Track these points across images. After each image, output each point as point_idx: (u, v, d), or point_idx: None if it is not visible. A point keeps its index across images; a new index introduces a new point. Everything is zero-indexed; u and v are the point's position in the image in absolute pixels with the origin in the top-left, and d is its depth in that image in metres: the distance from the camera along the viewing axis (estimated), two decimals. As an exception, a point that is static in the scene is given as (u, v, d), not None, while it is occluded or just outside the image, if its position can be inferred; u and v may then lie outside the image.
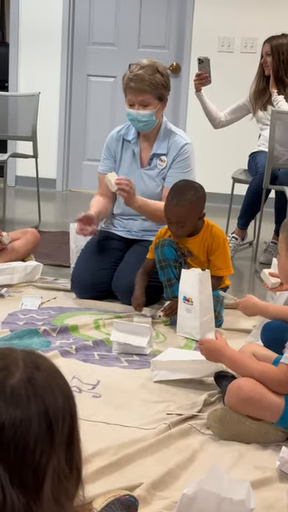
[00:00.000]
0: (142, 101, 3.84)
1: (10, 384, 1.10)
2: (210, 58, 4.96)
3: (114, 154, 4.10)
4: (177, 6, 6.86)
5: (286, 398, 2.44)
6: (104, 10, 7.09)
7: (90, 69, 6.91)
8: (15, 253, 4.39)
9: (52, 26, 7.04)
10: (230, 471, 2.25)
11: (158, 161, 4.01)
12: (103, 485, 2.14)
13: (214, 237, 3.66)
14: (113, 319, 3.59)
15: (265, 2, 6.51)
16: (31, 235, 4.55)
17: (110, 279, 3.98)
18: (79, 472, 1.15)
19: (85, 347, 3.29)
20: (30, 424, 1.08)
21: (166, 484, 2.19)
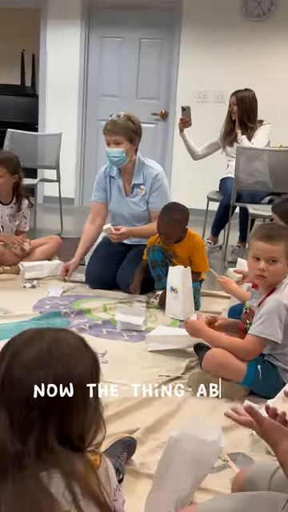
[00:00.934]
0: (115, 140, 3.82)
1: (53, 350, 1.12)
2: (191, 106, 4.97)
3: (104, 188, 4.09)
4: (165, 66, 6.86)
5: (247, 364, 2.46)
6: (110, 70, 7.09)
7: (99, 115, 6.87)
8: (43, 254, 4.39)
9: (70, 82, 7.02)
10: (206, 419, 2.28)
11: (138, 189, 3.99)
12: (108, 429, 2.13)
13: (194, 243, 3.68)
14: (117, 304, 3.60)
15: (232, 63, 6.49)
16: (55, 241, 4.56)
17: (114, 274, 3.98)
18: (96, 425, 1.19)
19: (96, 325, 3.31)
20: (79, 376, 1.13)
21: (157, 429, 2.22)
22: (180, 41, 6.74)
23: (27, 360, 1.11)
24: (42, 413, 1.10)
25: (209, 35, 6.61)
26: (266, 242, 2.43)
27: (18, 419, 1.09)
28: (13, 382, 1.09)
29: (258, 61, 6.45)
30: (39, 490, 1.09)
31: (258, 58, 6.47)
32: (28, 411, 1.09)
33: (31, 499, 1.08)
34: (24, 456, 1.09)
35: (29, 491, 1.08)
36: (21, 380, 1.09)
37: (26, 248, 4.26)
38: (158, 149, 6.96)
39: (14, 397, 1.10)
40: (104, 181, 4.09)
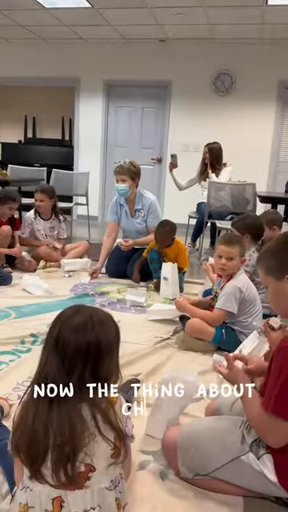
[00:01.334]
0: (121, 179, 3.84)
1: (91, 320, 1.14)
2: (177, 154, 4.98)
3: (115, 212, 4.09)
4: (160, 126, 6.87)
5: (215, 329, 2.48)
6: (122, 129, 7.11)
7: (115, 159, 6.86)
8: (77, 254, 4.41)
9: (95, 137, 7.04)
10: (187, 366, 2.28)
11: (139, 213, 4.01)
12: (122, 372, 2.14)
13: (179, 248, 3.70)
14: (127, 288, 3.59)
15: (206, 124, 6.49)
16: (85, 245, 4.56)
17: (125, 268, 3.97)
18: (116, 372, 1.21)
19: (112, 302, 3.32)
20: (107, 339, 1.15)
21: (154, 373, 2.23)
22: (170, 109, 6.74)
23: (73, 326, 1.13)
24: (82, 362, 1.12)
25: (190, 105, 6.63)
26: (226, 245, 2.49)
27: (66, 365, 1.11)
28: (64, 340, 1.11)
29: (223, 122, 6.44)
30: (75, 416, 1.10)
31: (223, 120, 6.46)
32: (73, 361, 1.11)
33: (69, 419, 1.09)
34: (69, 392, 1.12)
35: (68, 413, 1.09)
36: (69, 339, 1.11)
37: (57, 247, 4.30)
38: (155, 183, 6.94)
39: (65, 350, 1.11)
40: (116, 207, 4.08)
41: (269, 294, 1.44)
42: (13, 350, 2.41)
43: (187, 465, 1.45)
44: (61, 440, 1.07)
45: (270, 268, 1.38)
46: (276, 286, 1.36)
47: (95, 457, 1.10)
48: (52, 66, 7.04)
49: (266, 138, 6.42)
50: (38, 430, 1.08)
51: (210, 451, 1.42)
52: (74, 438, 1.07)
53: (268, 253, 1.43)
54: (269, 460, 1.34)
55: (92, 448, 1.10)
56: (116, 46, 6.70)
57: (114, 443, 1.13)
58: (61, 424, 1.08)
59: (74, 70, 7.00)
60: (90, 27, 6.12)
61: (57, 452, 1.07)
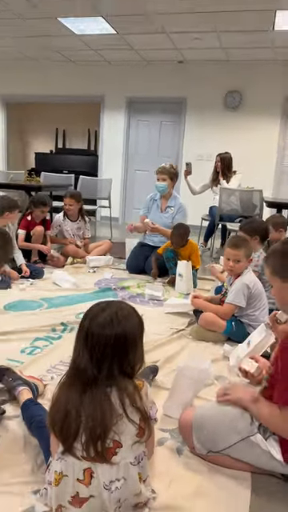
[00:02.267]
0: (162, 178, 3.89)
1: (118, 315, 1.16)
2: (192, 162, 4.98)
3: (148, 207, 4.08)
4: (176, 138, 6.85)
5: (226, 321, 2.46)
6: (142, 140, 7.09)
7: (135, 166, 6.91)
8: (100, 251, 4.41)
9: (117, 147, 7.07)
10: (200, 355, 2.27)
11: (169, 209, 3.99)
12: None
13: (192, 247, 3.67)
14: (145, 283, 3.57)
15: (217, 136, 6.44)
16: (107, 244, 4.57)
17: (143, 265, 3.96)
18: (141, 359, 1.22)
19: (132, 296, 3.30)
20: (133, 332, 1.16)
21: (170, 360, 2.22)
22: (185, 122, 6.72)
23: (100, 323, 1.14)
24: (110, 354, 1.12)
25: (203, 119, 6.60)
26: (233, 249, 2.47)
27: (96, 357, 1.12)
28: (93, 336, 1.12)
29: (233, 134, 6.38)
30: (105, 400, 1.11)
31: (232, 132, 6.40)
32: (102, 353, 1.12)
33: (100, 405, 1.10)
34: (98, 378, 1.12)
35: (99, 400, 1.11)
36: (98, 335, 1.12)
37: (78, 244, 4.33)
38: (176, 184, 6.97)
39: (94, 345, 1.12)
40: (149, 203, 4.10)
41: (274, 292, 1.44)
42: (45, 336, 2.43)
43: (201, 442, 1.45)
44: (92, 423, 1.08)
45: (275, 269, 1.38)
46: (281, 286, 1.36)
47: (122, 435, 1.12)
48: (80, 84, 7.08)
49: (271, 148, 6.36)
50: (71, 412, 1.10)
51: (222, 431, 1.42)
52: (104, 420, 1.09)
53: (274, 254, 1.42)
54: (275, 441, 1.34)
55: (120, 427, 1.11)
56: (138, 68, 6.70)
57: (139, 424, 1.14)
58: (92, 409, 1.10)
59: (99, 89, 7.03)
60: (115, 51, 6.13)
61: (88, 432, 1.09)
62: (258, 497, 1.34)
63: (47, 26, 5.23)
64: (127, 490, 1.16)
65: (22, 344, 2.29)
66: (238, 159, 5.14)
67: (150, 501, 1.25)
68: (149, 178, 6.74)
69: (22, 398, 1.66)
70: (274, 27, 4.72)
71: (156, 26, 4.97)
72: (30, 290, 3.33)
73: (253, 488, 1.37)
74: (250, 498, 1.33)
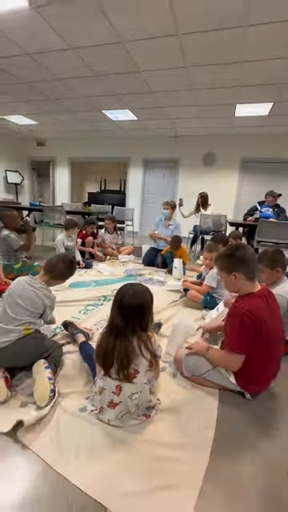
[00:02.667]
0: (166, 208, 3.82)
1: (139, 292, 1.15)
2: (183, 198, 4.90)
3: (157, 224, 3.99)
4: (172, 182, 6.67)
5: (204, 296, 2.42)
6: (153, 185, 6.94)
7: (148, 201, 6.85)
8: (126, 252, 4.33)
9: (137, 189, 6.96)
10: (187, 316, 2.25)
11: (170, 226, 3.91)
12: None
13: (183, 250, 3.61)
14: (154, 272, 3.55)
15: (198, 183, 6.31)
16: (131, 247, 4.50)
17: (153, 260, 3.89)
18: (152, 319, 1.19)
19: (145, 280, 3.24)
20: (144, 304, 1.14)
21: (169, 319, 2.19)
22: (179, 173, 6.60)
23: (130, 294, 1.13)
24: (134, 315, 1.12)
25: (189, 171, 6.48)
26: (208, 252, 2.47)
27: (126, 318, 1.11)
28: (125, 304, 1.12)
29: (209, 180, 6.26)
30: (129, 344, 1.11)
31: (208, 179, 6.27)
32: (129, 315, 1.11)
33: (126, 347, 1.10)
34: (125, 331, 1.12)
35: (125, 344, 1.11)
36: (129, 303, 1.11)
37: (113, 247, 4.26)
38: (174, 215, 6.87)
39: (125, 310, 1.12)
40: (158, 222, 4.00)
41: (223, 281, 1.38)
42: (94, 303, 2.44)
43: (187, 370, 1.45)
44: (121, 358, 1.09)
45: (223, 266, 1.32)
46: (226, 278, 1.31)
47: (139, 366, 1.12)
48: (114, 151, 7.04)
49: (232, 190, 6.23)
50: (109, 351, 1.11)
51: (200, 363, 1.41)
52: (128, 356, 1.09)
53: (221, 256, 1.34)
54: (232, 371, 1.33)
55: (138, 361, 1.11)
56: (150, 140, 6.65)
57: (150, 359, 1.14)
58: (122, 349, 1.10)
59: (126, 153, 6.98)
60: (136, 130, 6.09)
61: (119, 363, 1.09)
62: (223, 404, 1.34)
63: (95, 115, 5.23)
64: (142, 399, 1.16)
65: (79, 307, 2.31)
66: (211, 196, 5.03)
67: (156, 405, 1.25)
68: (156, 208, 6.69)
69: (79, 340, 1.67)
70: (234, 114, 4.63)
71: (162, 115, 4.93)
72: (84, 275, 3.34)
73: (220, 399, 1.36)
74: (217, 404, 1.32)
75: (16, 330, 1.35)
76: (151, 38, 2.66)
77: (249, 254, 1.27)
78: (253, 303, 1.20)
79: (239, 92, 3.76)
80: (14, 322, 1.35)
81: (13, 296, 1.39)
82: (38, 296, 1.41)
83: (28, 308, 1.38)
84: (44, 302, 1.43)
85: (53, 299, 1.49)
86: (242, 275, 1.25)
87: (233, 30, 2.44)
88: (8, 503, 0.89)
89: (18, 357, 1.34)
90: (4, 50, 3.07)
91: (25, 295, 1.39)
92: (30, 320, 1.38)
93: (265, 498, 0.94)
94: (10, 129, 6.63)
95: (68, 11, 2.35)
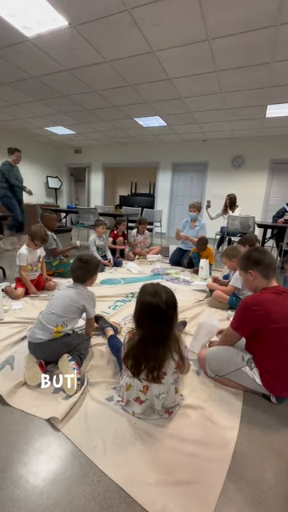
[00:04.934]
0: (193, 210, 3.73)
1: (163, 294, 1.09)
2: (210, 200, 4.77)
3: (183, 225, 3.91)
4: (201, 185, 6.55)
5: (229, 296, 2.34)
6: (181, 187, 6.87)
7: (176, 203, 6.78)
8: (154, 252, 4.31)
9: (166, 192, 6.92)
10: (212, 316, 2.19)
11: (196, 227, 3.82)
12: None
13: (209, 251, 3.51)
14: (181, 271, 3.50)
15: (227, 184, 6.11)
16: (159, 247, 4.45)
17: (180, 260, 3.84)
18: (177, 319, 1.13)
19: (172, 279, 3.20)
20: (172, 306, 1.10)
21: (195, 318, 2.15)
22: (207, 176, 6.45)
23: (149, 293, 1.10)
24: (166, 319, 1.07)
25: (218, 174, 6.29)
26: (227, 259, 2.42)
27: (157, 324, 1.07)
28: (144, 303, 1.09)
29: (237, 183, 6.03)
30: (162, 349, 1.10)
31: (237, 182, 6.05)
32: (162, 319, 1.07)
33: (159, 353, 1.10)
34: (159, 337, 1.09)
35: (159, 350, 1.10)
36: (148, 301, 1.08)
37: (145, 248, 4.22)
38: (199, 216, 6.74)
39: (145, 309, 1.09)
40: (184, 223, 3.92)
41: (243, 280, 1.44)
42: (122, 299, 2.46)
43: (211, 369, 1.40)
44: (153, 363, 1.07)
45: (241, 266, 1.41)
46: (245, 276, 1.40)
47: (167, 368, 1.10)
48: (145, 155, 7.08)
49: (261, 192, 5.93)
50: (141, 357, 1.07)
51: (224, 364, 1.36)
52: (158, 361, 1.07)
53: (240, 257, 1.43)
54: (257, 371, 1.26)
55: (167, 364, 1.09)
56: (179, 145, 6.58)
57: (178, 361, 1.11)
58: (155, 355, 1.07)
59: (156, 158, 6.98)
60: (166, 135, 6.06)
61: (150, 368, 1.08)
62: (246, 406, 1.27)
63: (128, 122, 5.29)
64: (168, 398, 1.14)
65: (109, 303, 2.34)
66: (240, 198, 4.87)
67: (180, 402, 1.23)
68: (184, 210, 6.60)
69: (108, 333, 1.69)
70: (265, 115, 4.39)
71: (190, 119, 4.85)
72: (114, 273, 3.38)
73: (243, 400, 1.30)
74: (241, 406, 1.26)
75: (48, 329, 1.39)
76: (181, 46, 2.62)
77: (264, 255, 1.34)
78: (260, 296, 1.26)
79: (270, 92, 3.56)
80: (49, 319, 1.41)
81: (55, 298, 1.47)
82: (75, 295, 1.48)
83: (64, 306, 1.44)
84: (82, 299, 1.49)
85: (92, 294, 1.54)
86: (257, 273, 1.33)
87: (263, 30, 2.31)
88: (40, 479, 0.94)
89: (48, 354, 1.39)
90: (47, 68, 3.23)
91: (64, 296, 1.47)
92: (65, 318, 1.42)
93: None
94: (51, 138, 6.98)
95: (103, 27, 2.40)
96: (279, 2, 2.02)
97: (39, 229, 2.32)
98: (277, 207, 4.79)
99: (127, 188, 9.26)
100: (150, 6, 2.15)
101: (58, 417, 1.13)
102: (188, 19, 2.25)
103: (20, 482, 0.92)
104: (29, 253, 2.31)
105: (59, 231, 3.06)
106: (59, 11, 2.28)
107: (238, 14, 2.16)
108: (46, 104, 4.52)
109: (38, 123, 5.65)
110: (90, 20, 2.34)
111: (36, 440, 1.05)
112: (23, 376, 1.32)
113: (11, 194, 4.02)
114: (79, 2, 2.16)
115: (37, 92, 4.01)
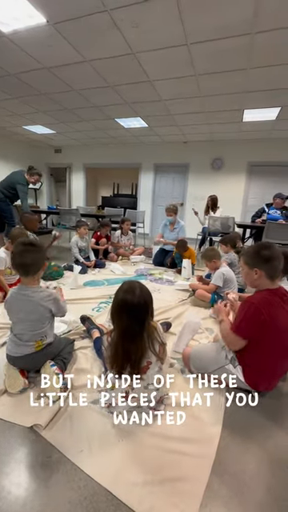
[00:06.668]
0: (170, 214, 3.74)
1: (137, 290, 1.09)
2: (190, 201, 4.85)
3: (163, 229, 3.94)
4: (182, 186, 6.63)
5: (211, 295, 2.38)
6: (163, 188, 6.91)
7: (158, 204, 6.83)
8: (138, 253, 4.32)
9: (148, 193, 6.95)
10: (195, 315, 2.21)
11: (175, 230, 3.86)
12: (160, 317, 2.11)
13: (191, 252, 3.56)
14: (164, 272, 3.52)
15: (207, 186, 6.23)
16: (142, 248, 4.48)
17: (163, 261, 3.87)
18: (153, 315, 1.14)
19: (156, 279, 3.22)
20: (146, 302, 1.09)
21: (178, 317, 2.16)
22: (188, 178, 6.55)
23: (123, 290, 1.09)
24: (144, 313, 1.08)
25: (199, 175, 6.40)
26: (207, 260, 2.45)
27: (136, 319, 1.07)
28: (118, 299, 1.09)
29: (217, 184, 6.18)
30: (143, 342, 1.10)
31: (217, 183, 6.19)
32: (140, 314, 1.07)
33: (140, 347, 1.09)
34: (139, 331, 1.09)
35: (141, 344, 1.09)
36: (121, 298, 1.08)
37: (127, 249, 4.23)
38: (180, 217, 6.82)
39: (119, 305, 1.08)
40: (163, 227, 3.94)
41: (243, 273, 1.37)
42: (106, 300, 2.44)
43: (195, 367, 1.43)
44: (135, 358, 1.07)
45: (247, 262, 1.32)
46: (248, 271, 1.31)
47: (151, 357, 1.10)
48: (127, 156, 7.06)
49: (240, 193, 6.12)
50: (124, 355, 1.07)
51: (207, 361, 1.39)
52: (142, 355, 1.07)
53: (248, 252, 1.34)
54: (240, 368, 1.30)
55: (149, 354, 1.10)
56: (160, 146, 6.63)
57: (159, 349, 1.12)
58: (136, 350, 1.07)
59: (138, 159, 6.99)
60: (147, 136, 6.09)
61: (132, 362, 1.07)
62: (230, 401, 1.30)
63: (109, 123, 5.26)
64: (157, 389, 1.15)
65: (93, 305, 2.32)
66: (220, 199, 4.95)
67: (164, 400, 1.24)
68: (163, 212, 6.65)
69: (94, 335, 1.68)
70: (242, 120, 4.54)
71: (171, 122, 4.91)
72: (97, 274, 3.35)
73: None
74: (224, 401, 1.30)
75: (27, 345, 1.27)
76: (161, 49, 2.65)
77: (274, 254, 1.24)
78: (266, 299, 1.20)
79: (247, 98, 3.69)
80: (24, 337, 1.27)
81: (13, 312, 1.26)
82: (36, 303, 1.24)
83: (32, 320, 1.25)
84: (44, 304, 1.26)
85: (51, 293, 1.28)
86: (263, 273, 1.25)
87: (240, 37, 2.39)
88: (22, 490, 0.91)
89: (30, 366, 1.31)
90: (25, 65, 3.14)
91: (24, 309, 1.24)
92: (40, 331, 1.27)
93: (269, 494, 0.91)
94: (30, 137, 6.78)
95: (83, 26, 2.38)
96: (254, 11, 2.10)
97: (20, 232, 2.24)
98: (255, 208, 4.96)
99: (109, 189, 9.19)
100: (129, 7, 2.15)
101: (42, 424, 1.10)
102: (167, 23, 2.28)
103: (2, 494, 0.89)
104: (7, 256, 2.25)
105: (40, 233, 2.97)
106: (37, 8, 2.21)
107: (215, 20, 2.21)
108: (24, 102, 4.38)
109: (16, 121, 5.46)
110: (69, 18, 2.30)
111: (17, 449, 1.02)
112: (3, 384, 1.28)
113: (9, 202, 3.71)
114: (57, 0, 2.12)
115: (14, 90, 3.88)
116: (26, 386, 1.27)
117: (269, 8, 2.05)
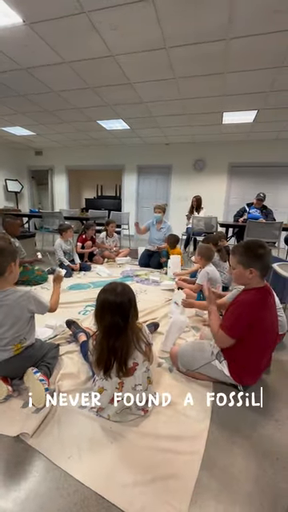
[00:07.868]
0: (158, 211, 3.76)
1: (118, 288, 1.09)
2: (173, 202, 4.89)
3: (148, 226, 3.94)
4: (165, 187, 6.70)
5: (197, 294, 2.41)
6: (146, 189, 6.94)
7: (142, 205, 6.85)
8: (123, 254, 4.29)
9: (132, 194, 6.95)
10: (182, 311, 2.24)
11: (162, 229, 3.89)
12: (147, 317, 2.11)
13: (178, 252, 3.60)
14: (150, 272, 3.52)
15: (190, 187, 6.33)
16: (127, 250, 4.45)
17: (148, 261, 3.88)
18: (137, 314, 1.14)
19: (142, 280, 3.22)
20: (129, 300, 1.09)
21: (164, 317, 2.17)
22: (171, 179, 6.62)
23: (105, 290, 1.10)
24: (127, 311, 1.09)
25: (182, 176, 6.49)
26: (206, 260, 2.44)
27: (115, 314, 1.08)
28: (100, 299, 1.09)
29: (200, 185, 6.29)
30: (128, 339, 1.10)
31: (200, 185, 6.30)
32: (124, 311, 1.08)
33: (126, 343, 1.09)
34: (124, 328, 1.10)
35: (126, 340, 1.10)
36: (104, 298, 1.08)
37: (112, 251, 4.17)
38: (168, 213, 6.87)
39: (102, 305, 1.08)
40: (150, 225, 3.94)
41: (235, 273, 1.30)
42: (92, 303, 2.42)
43: (183, 364, 1.44)
44: (121, 356, 1.07)
45: (241, 260, 1.27)
46: (242, 271, 1.27)
47: (137, 358, 1.11)
48: (109, 158, 7.05)
49: (221, 193, 6.27)
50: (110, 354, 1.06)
51: (194, 358, 1.41)
52: (127, 352, 1.08)
53: (242, 251, 1.27)
54: (225, 364, 1.33)
55: (135, 354, 1.10)
56: (142, 148, 6.67)
57: (145, 349, 1.12)
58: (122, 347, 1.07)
59: (121, 160, 6.99)
60: (129, 138, 6.11)
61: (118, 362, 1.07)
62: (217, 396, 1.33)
63: (90, 125, 5.23)
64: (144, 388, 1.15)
65: (79, 308, 2.30)
66: (203, 199, 5.05)
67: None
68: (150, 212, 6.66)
69: (81, 339, 1.66)
70: (222, 121, 4.66)
71: (153, 124, 4.95)
72: (83, 277, 3.32)
73: (214, 391, 1.36)
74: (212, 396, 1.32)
75: (5, 349, 1.23)
76: (140, 52, 2.67)
77: (267, 252, 1.24)
78: (258, 300, 1.21)
79: (225, 101, 3.79)
80: (2, 342, 1.23)
81: None
82: (11, 306, 1.19)
83: (10, 324, 1.20)
84: (21, 304, 1.21)
85: (25, 292, 1.23)
86: (257, 272, 1.23)
87: (216, 42, 2.46)
88: (11, 500, 0.88)
89: (11, 372, 1.27)
90: (2, 65, 3.06)
91: (5, 316, 1.20)
92: (20, 333, 1.23)
93: (257, 485, 0.94)
94: (9, 139, 6.60)
95: (61, 27, 2.36)
96: (229, 17, 2.17)
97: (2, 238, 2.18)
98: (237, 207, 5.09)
99: (93, 191, 9.12)
100: (107, 10, 2.15)
101: (29, 432, 1.07)
102: (145, 26, 2.30)
103: (-12, 507, 0.85)
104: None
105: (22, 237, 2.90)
106: (12, 7, 2.17)
107: (192, 25, 2.27)
108: (1, 103, 4.27)
109: (-6, 123, 5.32)
110: (46, 19, 2.28)
111: (2, 460, 0.99)
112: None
113: None
114: (34, 0, 2.10)
115: (-9, 90, 3.78)
116: (10, 392, 1.23)
117: (242, 15, 2.13)
